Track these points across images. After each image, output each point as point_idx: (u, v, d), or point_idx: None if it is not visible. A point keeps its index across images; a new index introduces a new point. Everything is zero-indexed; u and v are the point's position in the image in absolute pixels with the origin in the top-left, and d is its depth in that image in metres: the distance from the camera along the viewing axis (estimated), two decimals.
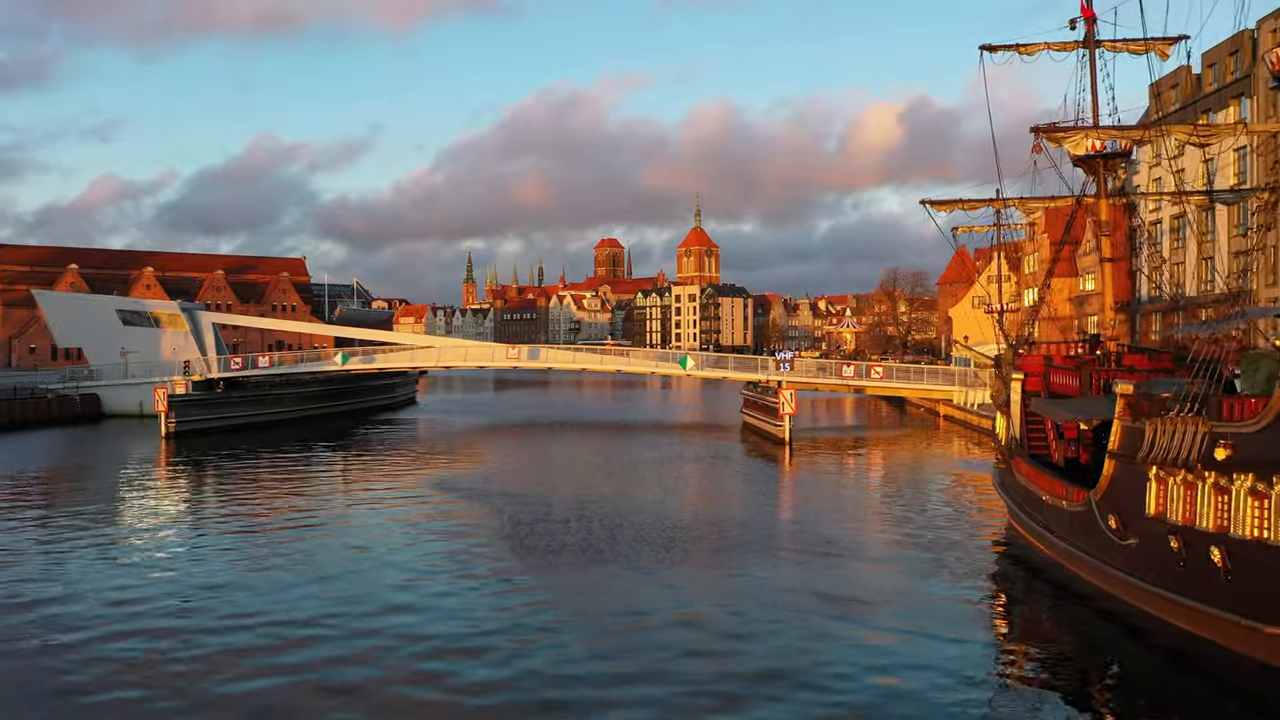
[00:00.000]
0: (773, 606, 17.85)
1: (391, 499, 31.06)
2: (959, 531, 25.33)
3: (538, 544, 23.37)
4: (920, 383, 59.14)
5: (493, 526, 25.71)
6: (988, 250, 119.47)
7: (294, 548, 23.37)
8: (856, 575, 20.50)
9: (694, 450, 45.10)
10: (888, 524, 25.95)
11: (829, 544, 23.24)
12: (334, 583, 19.87)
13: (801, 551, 22.40)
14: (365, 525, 26.54)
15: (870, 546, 23.23)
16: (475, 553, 22.60)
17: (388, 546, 23.54)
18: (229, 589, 19.43)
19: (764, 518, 27.48)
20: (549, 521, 26.15)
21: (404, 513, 28.35)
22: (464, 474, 36.53)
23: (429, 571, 20.83)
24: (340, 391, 68.90)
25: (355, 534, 25.22)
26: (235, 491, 33.78)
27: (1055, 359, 25.36)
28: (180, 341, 66.62)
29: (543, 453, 44.76)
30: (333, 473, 38.02)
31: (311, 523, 26.88)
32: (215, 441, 48.87)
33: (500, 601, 18.41)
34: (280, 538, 24.61)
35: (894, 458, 43.24)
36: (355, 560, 21.98)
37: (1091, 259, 65.12)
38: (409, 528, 25.95)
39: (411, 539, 24.42)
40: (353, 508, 29.58)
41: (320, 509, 29.36)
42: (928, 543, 23.44)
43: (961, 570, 20.87)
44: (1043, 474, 21.01)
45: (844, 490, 33.13)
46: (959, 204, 26.09)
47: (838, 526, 25.68)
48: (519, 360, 63.77)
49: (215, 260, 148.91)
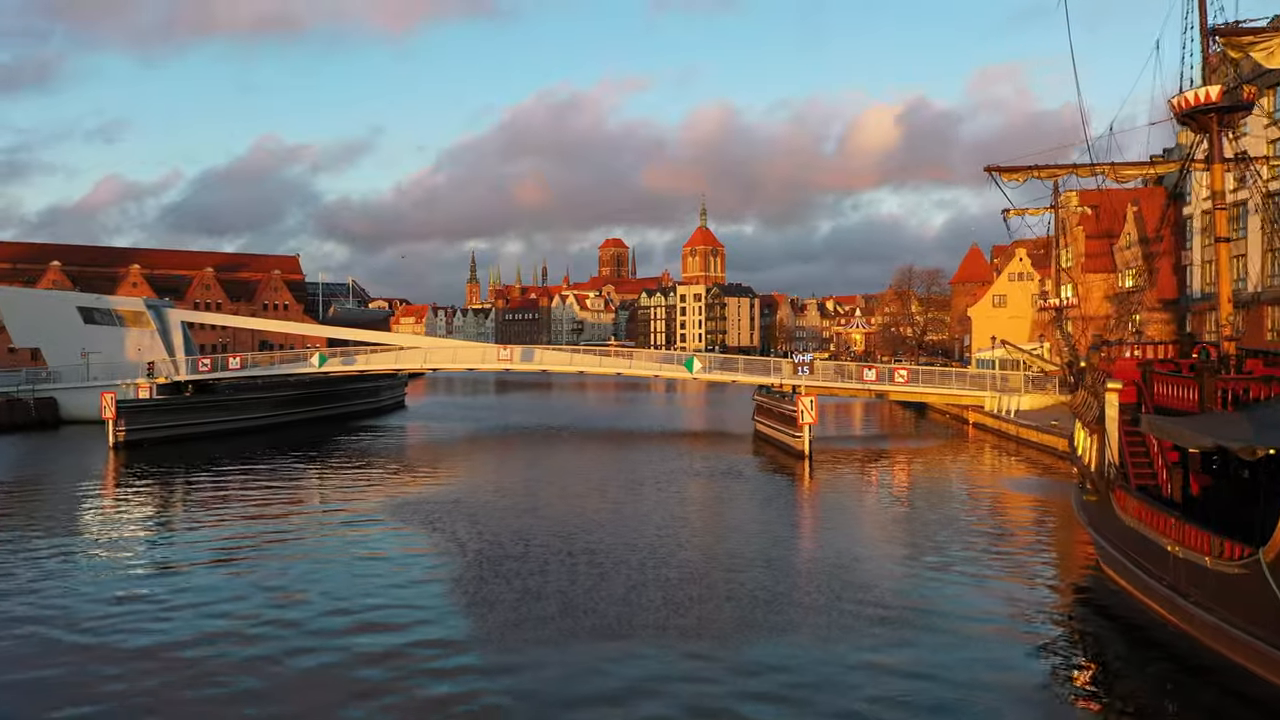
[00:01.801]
0: (819, 712, 12.86)
1: (339, 526, 26.06)
2: (1040, 585, 20.29)
3: (502, 597, 18.34)
4: (948, 388, 54.11)
5: (450, 570, 20.69)
6: (1008, 248, 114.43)
7: (190, 589, 18.41)
8: (922, 653, 15.45)
9: (701, 464, 40.08)
10: (945, 572, 20.87)
11: (877, 601, 18.18)
12: (211, 647, 14.91)
13: (846, 614, 17.35)
14: (288, 565, 21.50)
15: (932, 605, 18.14)
16: (417, 611, 17.57)
17: (305, 600, 18.52)
18: (113, 635, 14.47)
19: (790, 558, 22.42)
20: (523, 563, 21.14)
21: (347, 546, 23.36)
22: (434, 494, 31.53)
23: (341, 641, 15.83)
24: (319, 396, 63.97)
25: (269, 578, 20.18)
26: (166, 515, 28.81)
27: (1157, 364, 20.27)
28: (146, 341, 61.77)
29: (532, 467, 39.76)
30: (282, 491, 33.02)
31: (231, 556, 21.93)
32: (170, 453, 43.95)
33: (430, 691, 13.42)
34: (181, 583, 19.63)
35: (928, 475, 38.14)
36: (251, 621, 16.96)
37: (1133, 252, 59.95)
38: (345, 567, 20.96)
39: (344, 585, 19.41)
40: (287, 541, 24.51)
41: (247, 539, 24.36)
42: (1007, 602, 18.41)
43: (1064, 648, 15.88)
44: (1166, 516, 15.95)
45: (879, 520, 28.02)
46: (1032, 171, 21.01)
47: (883, 574, 20.62)
48: (511, 362, 58.80)
49: (205, 258, 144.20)
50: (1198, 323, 52.80)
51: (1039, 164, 20.65)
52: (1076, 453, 22.06)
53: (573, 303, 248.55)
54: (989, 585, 19.61)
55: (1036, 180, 21.11)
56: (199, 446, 46.92)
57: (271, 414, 57.63)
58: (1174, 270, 57.90)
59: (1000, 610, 17.79)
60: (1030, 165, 20.58)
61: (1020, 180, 21.15)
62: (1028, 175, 20.91)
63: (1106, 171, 20.61)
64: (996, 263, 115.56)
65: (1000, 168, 20.90)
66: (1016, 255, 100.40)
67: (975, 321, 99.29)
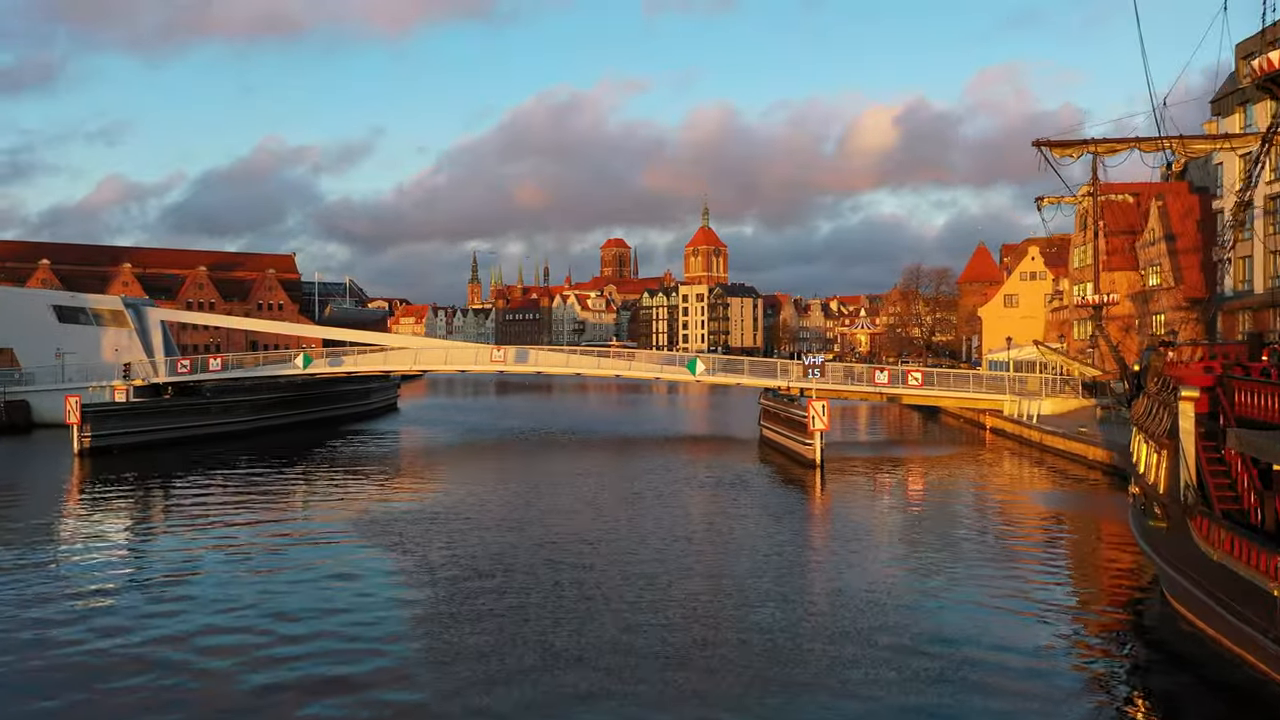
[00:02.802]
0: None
1: (298, 546, 23.31)
2: (1101, 627, 17.54)
3: (470, 644, 15.57)
4: (965, 391, 51.35)
5: (415, 606, 17.93)
6: (1019, 246, 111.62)
7: (123, 609, 15.69)
8: (970, 715, 12.72)
9: (705, 473, 37.33)
10: (987, 609, 18.13)
11: (913, 647, 15.43)
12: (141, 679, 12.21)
13: (879, 662, 14.60)
14: (229, 589, 18.76)
15: (976, 653, 15.37)
16: (365, 662, 14.85)
17: (247, 638, 15.79)
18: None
19: (808, 591, 19.66)
20: (501, 597, 18.41)
21: (300, 571, 20.58)
22: (411, 509, 28.77)
23: (275, 697, 13.12)
24: (305, 399, 61.25)
25: (202, 605, 17.46)
26: (116, 528, 26.09)
27: (1236, 369, 17.49)
28: (124, 341, 59.14)
29: (522, 477, 37.04)
30: (246, 503, 30.26)
31: (174, 575, 19.23)
32: (140, 460, 41.26)
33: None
34: (116, 603, 16.90)
35: (951, 488, 35.36)
36: (178, 663, 14.26)
37: (1157, 249, 57.13)
38: (290, 598, 18.21)
39: (281, 626, 16.67)
40: (234, 560, 21.77)
41: (192, 558, 21.65)
42: (1065, 649, 15.70)
43: (1141, 707, 13.15)
44: (1271, 553, 13.18)
45: (904, 543, 25.23)
46: (1088, 146, 18.23)
47: (917, 612, 17.86)
48: (505, 363, 56.10)
49: (199, 257, 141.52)
50: (1230, 323, 49.94)
51: (1094, 137, 17.92)
52: (1138, 470, 19.27)
53: (574, 303, 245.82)
54: (1042, 627, 16.85)
55: (1065, 162, 18.34)
56: (173, 453, 44.26)
57: (253, 418, 54.90)
58: (1201, 267, 55.08)
59: (1060, 661, 15.07)
60: (1086, 139, 17.86)
61: (1074, 156, 18.40)
62: (1082, 150, 18.17)
63: (1174, 145, 17.87)
64: (1007, 262, 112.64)
65: (1051, 142, 18.15)
66: (1029, 254, 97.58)
67: (986, 322, 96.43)
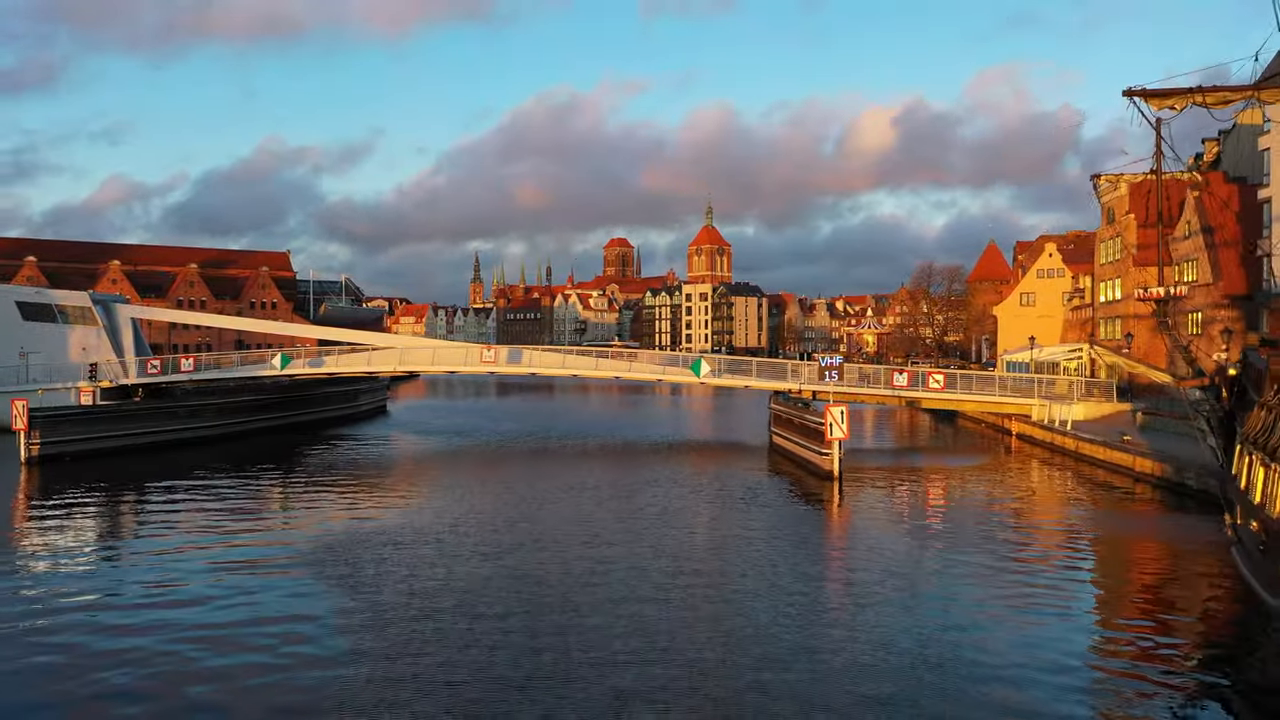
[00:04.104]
0: None
1: (236, 570, 19.78)
2: (1219, 699, 14.00)
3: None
4: (989, 394, 47.71)
5: (349, 663, 14.40)
6: (1036, 243, 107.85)
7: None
8: None
9: (712, 485, 33.79)
10: (1064, 674, 14.58)
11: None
12: None
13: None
14: (135, 622, 15.26)
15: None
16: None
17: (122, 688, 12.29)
18: None
19: (841, 643, 16.09)
20: (463, 652, 14.87)
21: (227, 605, 17.07)
22: (376, 528, 25.21)
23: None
24: (286, 401, 57.78)
25: (102, 638, 13.96)
26: (39, 550, 22.57)
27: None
28: (92, 340, 55.63)
29: (510, 491, 33.51)
30: (190, 520, 26.73)
31: (84, 606, 15.73)
32: (96, 470, 37.81)
33: None
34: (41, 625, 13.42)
35: (986, 505, 31.72)
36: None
37: (1191, 244, 53.43)
38: (203, 645, 14.69)
39: (190, 678, 13.15)
40: (159, 586, 18.26)
41: (114, 582, 18.15)
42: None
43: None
44: None
45: (946, 577, 21.60)
46: (1194, 95, 14.68)
47: (977, 672, 14.32)
48: (496, 364, 52.60)
49: (190, 254, 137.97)
50: (1275, 321, 46.29)
51: (1196, 85, 14.41)
52: (1250, 498, 15.71)
53: (575, 302, 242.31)
54: (1143, 703, 13.31)
55: (1192, 109, 14.81)
56: (134, 460, 40.82)
57: (225, 422, 51.40)
58: (1241, 262, 51.44)
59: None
60: (1192, 87, 14.34)
61: (1177, 108, 14.85)
62: (1187, 100, 14.62)
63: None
64: (1022, 260, 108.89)
65: (1148, 91, 14.64)
66: (1046, 251, 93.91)
67: (1002, 321, 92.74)
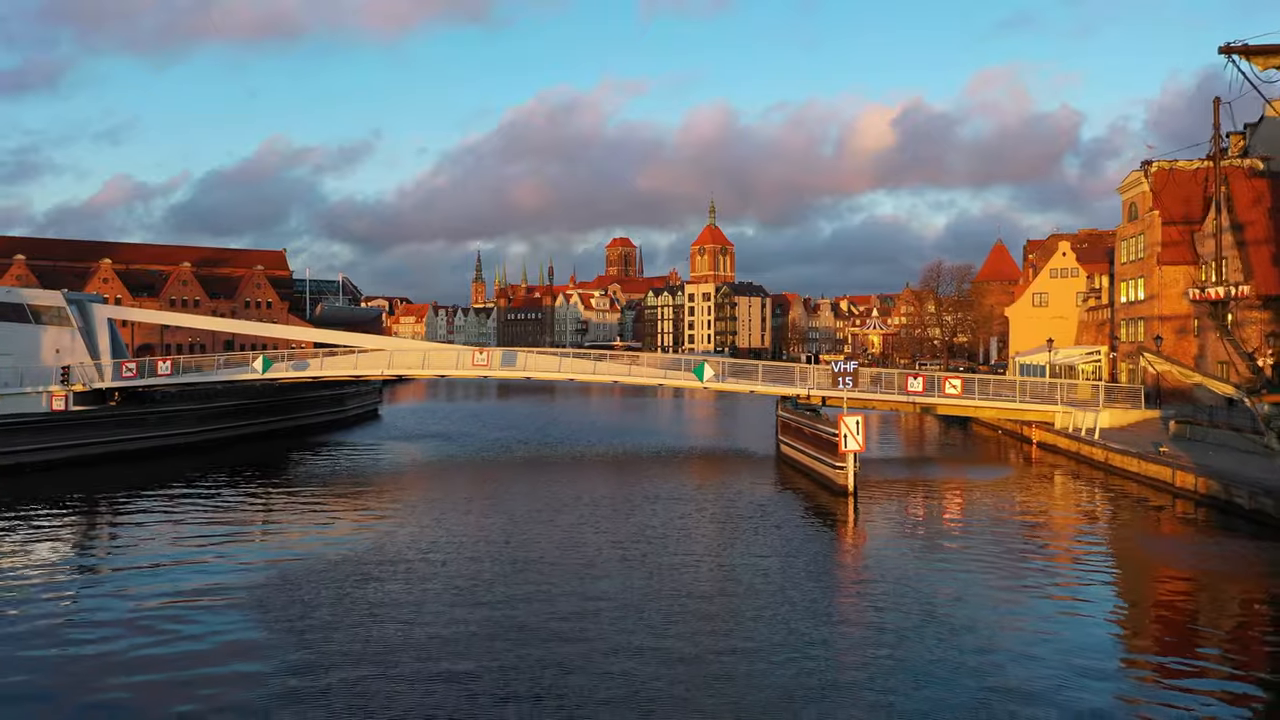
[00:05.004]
0: None
1: (160, 607, 17.15)
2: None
3: None
4: (1009, 401, 44.97)
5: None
6: (1047, 242, 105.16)
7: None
8: None
9: (717, 503, 31.14)
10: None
11: None
12: None
13: None
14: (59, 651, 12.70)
15: None
16: None
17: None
18: None
19: (868, 702, 13.43)
20: (429, 718, 12.28)
21: (148, 645, 14.47)
22: (341, 556, 22.58)
23: None
24: (268, 406, 55.16)
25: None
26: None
27: None
28: (66, 341, 52.90)
29: (498, 509, 30.87)
30: (134, 541, 24.15)
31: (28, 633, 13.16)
32: (57, 483, 35.34)
33: None
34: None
35: (1015, 525, 29.02)
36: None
37: (1223, 241, 50.60)
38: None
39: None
40: (79, 617, 15.67)
41: (28, 610, 15.59)
42: None
43: None
44: None
45: (990, 617, 18.98)
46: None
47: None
48: (490, 367, 49.91)
49: (184, 253, 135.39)
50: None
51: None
52: None
53: (577, 302, 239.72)
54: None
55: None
56: (101, 471, 38.38)
57: (203, 429, 48.87)
58: (1273, 261, 48.81)
59: None
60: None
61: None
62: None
63: None
64: (1033, 259, 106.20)
65: (1249, 48, 12.01)
66: (1059, 250, 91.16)
67: (1014, 321, 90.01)
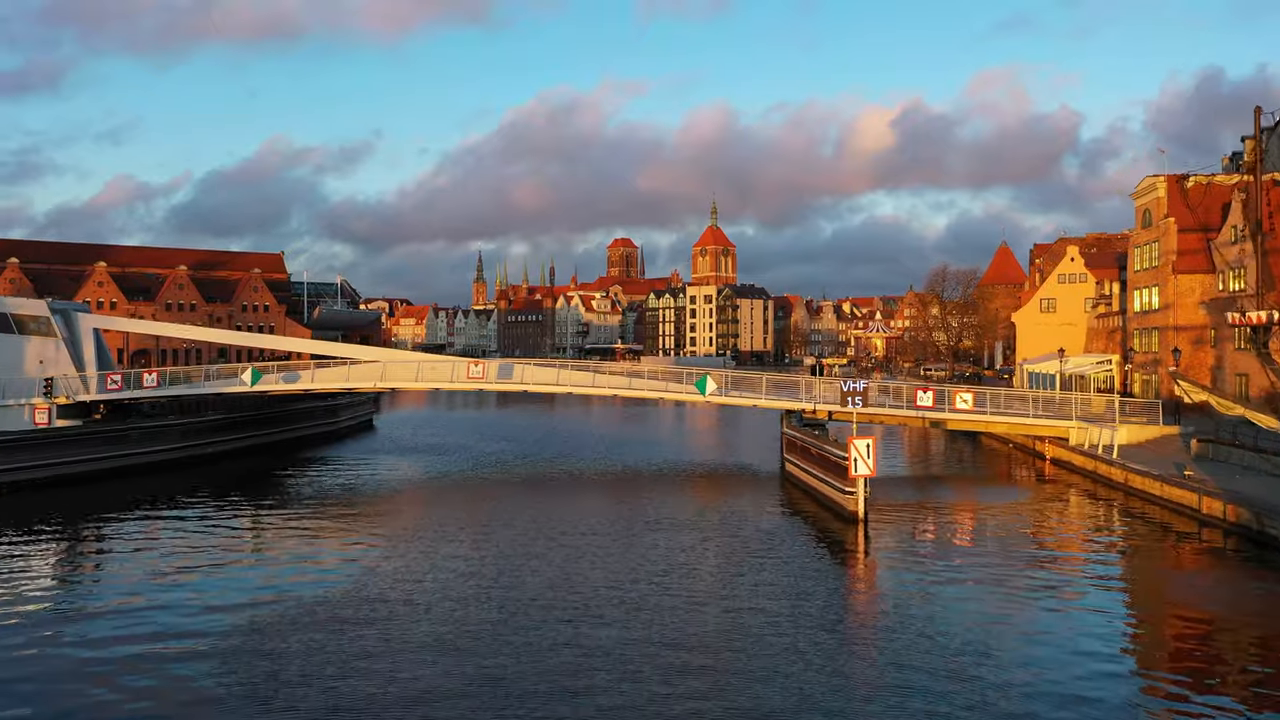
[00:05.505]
0: None
1: (142, 655, 15.64)
2: None
3: None
4: (1022, 416, 43.42)
5: None
6: (1055, 245, 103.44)
7: None
8: None
9: (721, 530, 29.58)
10: None
11: None
12: None
13: None
14: None
15: None
16: None
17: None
18: None
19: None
20: None
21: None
22: (326, 595, 21.06)
23: None
24: (259, 419, 53.69)
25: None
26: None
27: None
28: (50, 352, 51.35)
29: (487, 536, 29.34)
30: (112, 581, 22.66)
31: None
32: (27, 505, 33.89)
33: None
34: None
35: (1034, 555, 27.43)
36: None
37: (1239, 249, 49.05)
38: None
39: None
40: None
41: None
42: None
43: None
44: None
45: (996, 657, 17.48)
46: None
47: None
48: (485, 380, 48.39)
49: (180, 255, 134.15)
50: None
51: None
52: None
53: (578, 304, 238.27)
54: None
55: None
56: (78, 491, 37.00)
57: (189, 444, 47.41)
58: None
59: None
60: None
61: None
62: None
63: None
64: (1039, 263, 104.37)
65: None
66: (1067, 254, 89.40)
67: (1021, 328, 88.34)
